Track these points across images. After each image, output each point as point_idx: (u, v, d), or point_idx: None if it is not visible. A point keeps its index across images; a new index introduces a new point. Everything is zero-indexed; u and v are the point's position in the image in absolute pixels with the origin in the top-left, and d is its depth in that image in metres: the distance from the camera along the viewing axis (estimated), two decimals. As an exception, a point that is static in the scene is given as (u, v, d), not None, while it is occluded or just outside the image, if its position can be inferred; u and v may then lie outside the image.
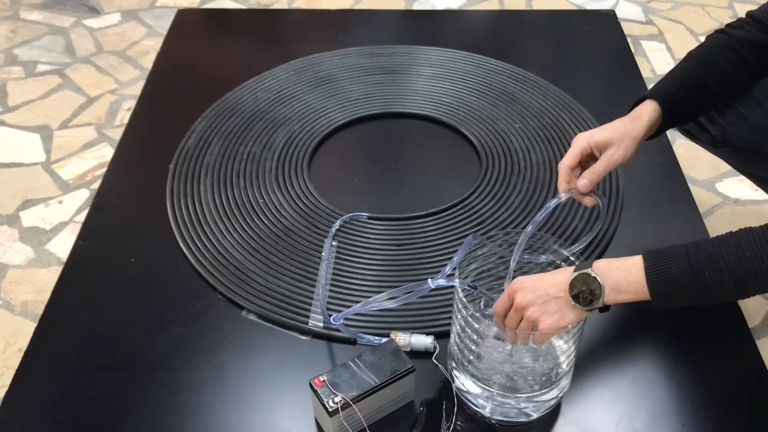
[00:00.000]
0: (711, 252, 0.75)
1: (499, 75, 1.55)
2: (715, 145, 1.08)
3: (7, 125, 1.55)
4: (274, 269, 1.12)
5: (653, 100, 0.96)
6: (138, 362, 1.00)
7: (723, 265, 0.74)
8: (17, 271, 1.23)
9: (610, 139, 0.93)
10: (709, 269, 0.74)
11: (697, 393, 0.96)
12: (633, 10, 1.96)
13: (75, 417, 0.94)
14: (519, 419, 0.91)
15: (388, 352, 0.90)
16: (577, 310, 0.79)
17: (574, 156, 0.93)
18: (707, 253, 0.75)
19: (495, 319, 0.85)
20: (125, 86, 1.68)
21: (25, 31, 1.86)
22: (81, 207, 1.35)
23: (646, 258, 0.77)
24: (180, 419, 0.93)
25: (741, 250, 0.73)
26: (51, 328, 1.05)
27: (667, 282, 0.75)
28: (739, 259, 0.73)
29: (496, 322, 0.85)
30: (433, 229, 1.19)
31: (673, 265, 0.75)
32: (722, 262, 0.74)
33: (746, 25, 1.01)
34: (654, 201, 1.25)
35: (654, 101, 0.96)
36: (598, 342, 1.01)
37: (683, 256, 0.75)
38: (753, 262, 0.73)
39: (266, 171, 1.30)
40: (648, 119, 0.95)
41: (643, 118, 0.95)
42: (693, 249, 0.75)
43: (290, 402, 0.94)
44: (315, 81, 1.52)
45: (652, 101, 0.96)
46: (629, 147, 0.93)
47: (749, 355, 1.01)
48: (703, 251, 0.75)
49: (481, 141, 1.37)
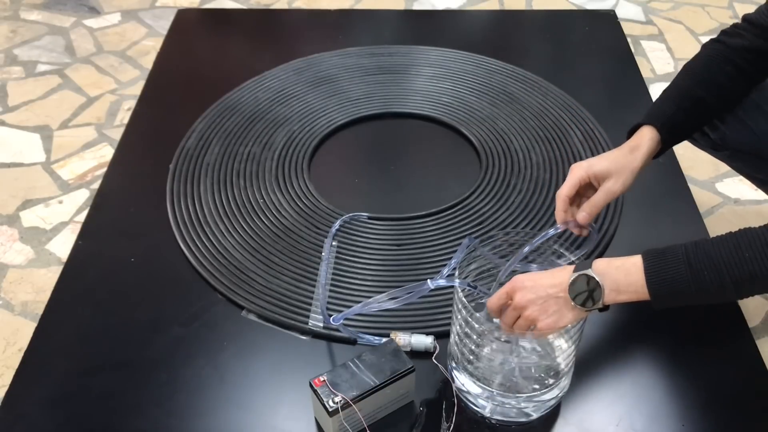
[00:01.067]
0: (710, 252, 0.75)
1: (499, 75, 1.55)
2: (715, 149, 1.08)
3: (7, 125, 1.55)
4: (274, 269, 1.12)
5: (651, 127, 0.95)
6: (138, 362, 1.00)
7: (722, 266, 0.74)
8: (17, 271, 1.23)
9: (609, 170, 0.92)
10: (708, 270, 0.74)
11: (697, 393, 0.96)
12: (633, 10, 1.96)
13: (75, 417, 0.94)
14: (519, 419, 0.91)
15: (388, 352, 0.90)
16: (576, 311, 0.79)
17: (572, 186, 0.93)
18: (707, 253, 0.75)
19: (489, 312, 0.85)
20: (125, 86, 1.68)
21: (25, 31, 1.86)
22: (81, 207, 1.35)
23: (646, 258, 0.77)
24: (180, 419, 0.93)
25: (741, 251, 0.73)
26: (51, 328, 1.05)
27: (667, 282, 0.75)
28: (739, 260, 0.73)
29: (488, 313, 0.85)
30: (433, 229, 1.19)
31: (672, 266, 0.75)
32: (722, 263, 0.74)
33: (743, 32, 0.99)
34: (654, 201, 1.25)
35: (652, 128, 0.95)
36: (598, 342, 1.01)
37: (683, 256, 0.75)
38: (752, 264, 0.73)
39: (266, 171, 1.30)
40: (647, 148, 0.94)
41: (641, 147, 0.94)
42: (693, 249, 0.75)
43: (290, 402, 0.94)
44: (315, 81, 1.53)
45: (650, 128, 0.95)
46: (628, 178, 0.93)
47: (749, 355, 1.01)
48: (702, 252, 0.75)
49: (481, 141, 1.37)
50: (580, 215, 0.93)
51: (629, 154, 0.94)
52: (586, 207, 0.93)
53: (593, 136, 1.37)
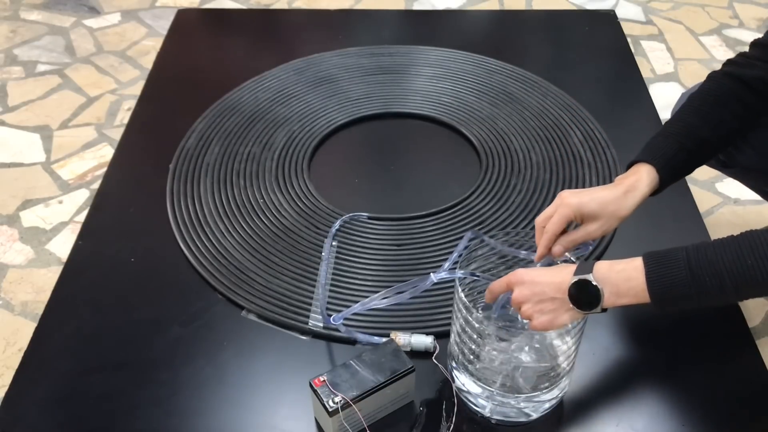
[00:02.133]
0: (712, 258, 0.73)
1: (499, 75, 1.55)
2: (725, 166, 1.07)
3: (7, 125, 1.55)
4: (274, 269, 1.12)
5: (651, 167, 0.90)
6: (138, 362, 1.00)
7: (724, 272, 0.73)
8: (17, 271, 1.23)
9: (596, 215, 0.88)
10: (710, 276, 0.73)
11: (697, 393, 0.96)
12: (633, 10, 1.96)
13: (75, 417, 0.94)
14: (519, 419, 0.91)
15: (388, 352, 0.90)
16: (572, 312, 0.78)
17: (560, 224, 0.87)
18: (708, 259, 0.74)
19: (486, 294, 0.85)
20: (125, 86, 1.68)
21: (25, 31, 1.86)
22: (81, 207, 1.35)
23: (647, 262, 0.76)
24: (180, 419, 0.93)
25: (743, 258, 0.72)
26: (51, 328, 1.05)
27: (668, 287, 0.75)
28: (741, 266, 0.72)
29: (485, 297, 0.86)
30: (433, 229, 1.19)
31: (674, 271, 0.74)
32: (724, 269, 0.73)
33: (756, 62, 0.93)
34: (654, 201, 1.24)
35: (652, 168, 0.90)
36: (598, 342, 1.01)
37: (684, 261, 0.74)
38: (755, 270, 0.72)
39: (266, 171, 1.30)
40: (642, 195, 0.89)
41: (637, 192, 0.89)
42: (694, 254, 0.74)
43: (290, 402, 0.94)
44: (315, 81, 1.52)
45: (651, 169, 0.90)
46: (612, 226, 0.89)
47: (749, 356, 1.01)
48: (704, 257, 0.74)
49: (481, 141, 1.37)
50: (556, 249, 0.88)
51: (623, 196, 0.89)
52: (564, 242, 0.88)
53: (593, 136, 1.37)
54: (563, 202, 0.87)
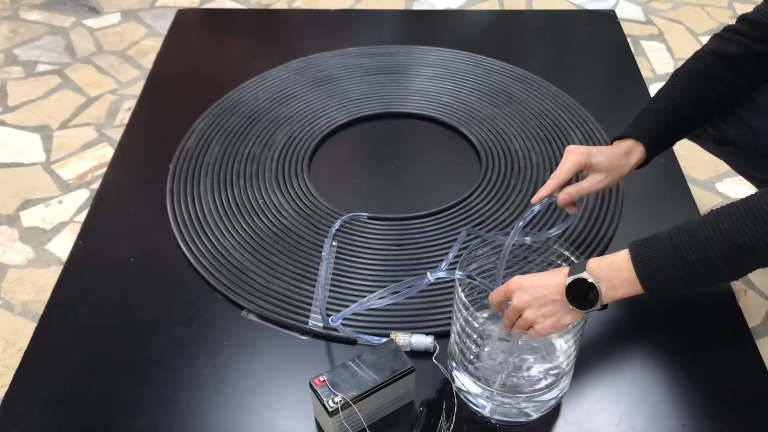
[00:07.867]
0: (692, 231, 0.74)
1: (499, 75, 1.55)
2: (718, 143, 1.07)
3: (7, 125, 1.55)
4: (274, 269, 1.12)
5: (639, 143, 0.95)
6: (138, 362, 1.00)
7: (705, 242, 0.72)
8: (17, 271, 1.23)
9: (604, 166, 0.93)
10: (692, 249, 0.73)
11: (697, 393, 0.96)
12: (633, 10, 1.96)
13: (75, 417, 0.94)
14: (519, 419, 0.91)
15: (388, 352, 0.90)
16: (574, 312, 0.79)
17: (570, 171, 0.92)
18: (689, 232, 0.74)
19: (491, 306, 0.86)
20: (125, 86, 1.67)
21: (25, 31, 1.86)
22: (81, 207, 1.35)
23: (632, 249, 0.77)
24: (180, 419, 0.93)
25: (721, 224, 0.73)
26: (51, 328, 1.05)
27: (655, 269, 0.75)
28: (720, 233, 0.72)
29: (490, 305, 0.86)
30: (433, 229, 1.19)
31: (657, 251, 0.75)
32: (704, 239, 0.73)
33: (742, 38, 0.96)
34: (654, 201, 1.25)
35: (640, 144, 0.95)
36: (598, 342, 1.01)
37: (666, 239, 0.75)
38: (735, 235, 0.71)
39: (266, 171, 1.30)
40: (637, 159, 0.96)
41: (633, 156, 0.95)
42: (675, 231, 0.75)
43: (290, 402, 0.94)
44: (315, 81, 1.52)
45: (638, 144, 0.95)
46: (614, 181, 0.95)
47: (749, 355, 1.01)
48: (684, 232, 0.74)
49: (481, 141, 1.37)
50: (561, 196, 0.92)
51: (624, 157, 0.95)
52: (572, 191, 0.92)
53: (593, 136, 1.37)
54: (570, 150, 0.93)
